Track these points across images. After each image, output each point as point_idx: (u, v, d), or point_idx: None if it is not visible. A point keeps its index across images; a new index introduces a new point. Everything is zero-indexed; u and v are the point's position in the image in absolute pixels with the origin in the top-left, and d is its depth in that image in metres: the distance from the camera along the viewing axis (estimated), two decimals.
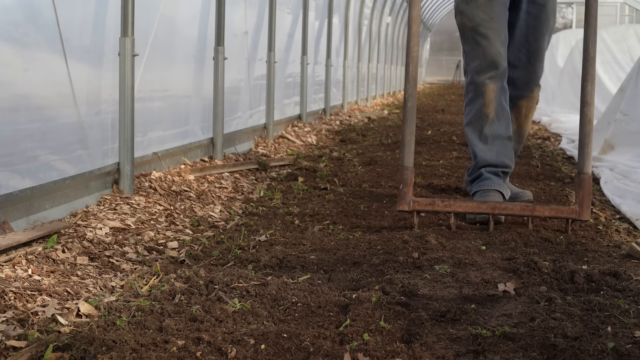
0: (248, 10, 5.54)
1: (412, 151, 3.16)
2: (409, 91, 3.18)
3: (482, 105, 3.52)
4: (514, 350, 1.80)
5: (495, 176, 3.57)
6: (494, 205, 3.10)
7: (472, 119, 3.58)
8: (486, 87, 3.49)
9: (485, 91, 3.49)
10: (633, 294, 2.24)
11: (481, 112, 3.53)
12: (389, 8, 15.42)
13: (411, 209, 3.13)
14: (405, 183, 3.12)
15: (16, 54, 2.74)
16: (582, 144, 3.09)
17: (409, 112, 3.16)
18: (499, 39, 3.47)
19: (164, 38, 4.03)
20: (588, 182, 3.06)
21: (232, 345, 1.76)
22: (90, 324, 1.91)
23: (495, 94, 3.49)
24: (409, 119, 3.16)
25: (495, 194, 3.48)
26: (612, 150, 5.09)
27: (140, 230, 2.92)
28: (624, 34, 10.04)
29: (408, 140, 3.15)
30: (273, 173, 4.67)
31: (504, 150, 3.57)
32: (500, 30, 3.48)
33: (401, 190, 3.13)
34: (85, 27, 3.20)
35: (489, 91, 3.49)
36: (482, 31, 3.46)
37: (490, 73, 3.48)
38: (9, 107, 2.69)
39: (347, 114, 10.01)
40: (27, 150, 2.78)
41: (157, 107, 4.01)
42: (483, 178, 3.57)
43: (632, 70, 5.30)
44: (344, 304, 2.10)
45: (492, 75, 3.48)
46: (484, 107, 3.52)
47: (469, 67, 3.57)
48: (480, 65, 3.50)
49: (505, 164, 3.58)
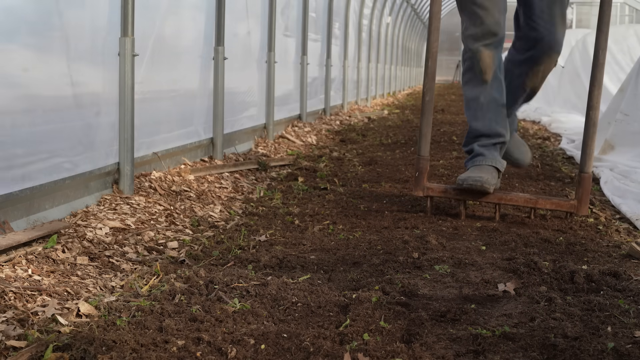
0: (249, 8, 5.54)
1: (429, 142, 3.41)
2: (427, 85, 3.38)
3: (478, 71, 3.54)
4: (514, 350, 1.80)
5: (489, 149, 3.57)
6: (500, 196, 3.35)
7: (468, 85, 3.61)
8: (481, 53, 3.50)
9: (480, 58, 3.51)
10: (633, 294, 2.24)
11: (477, 78, 3.56)
12: (389, 8, 15.42)
13: (425, 194, 3.41)
14: (420, 171, 3.40)
15: (16, 54, 2.74)
16: (585, 145, 3.27)
17: (426, 105, 3.39)
18: (496, 8, 3.48)
19: (167, 38, 4.04)
20: (588, 181, 3.25)
21: (232, 345, 1.76)
22: (90, 324, 1.91)
23: (491, 59, 3.51)
24: (426, 112, 3.40)
25: (488, 169, 3.48)
26: (612, 150, 5.09)
27: (140, 230, 2.92)
28: (624, 34, 10.03)
29: (425, 132, 3.41)
30: (273, 173, 4.67)
31: (497, 118, 3.57)
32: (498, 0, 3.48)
33: (417, 178, 3.41)
34: (86, 27, 3.20)
35: (484, 57, 3.51)
36: (479, 1, 3.47)
37: (487, 40, 3.50)
38: (9, 108, 2.69)
39: (347, 114, 10.01)
40: (27, 151, 2.78)
41: (161, 107, 4.01)
42: (476, 153, 3.58)
43: (632, 70, 5.30)
44: (344, 304, 2.10)
45: (488, 43, 3.50)
46: (479, 73, 3.53)
47: (465, 34, 3.57)
48: (477, 33, 3.51)
49: (498, 133, 3.57)
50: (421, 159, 3.40)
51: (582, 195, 3.25)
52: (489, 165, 3.50)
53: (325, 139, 6.91)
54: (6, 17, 2.66)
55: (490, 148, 3.56)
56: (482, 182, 3.30)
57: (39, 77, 2.88)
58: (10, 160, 2.67)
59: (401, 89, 20.03)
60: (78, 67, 3.13)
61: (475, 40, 3.51)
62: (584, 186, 3.24)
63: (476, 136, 3.58)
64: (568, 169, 4.99)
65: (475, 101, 3.57)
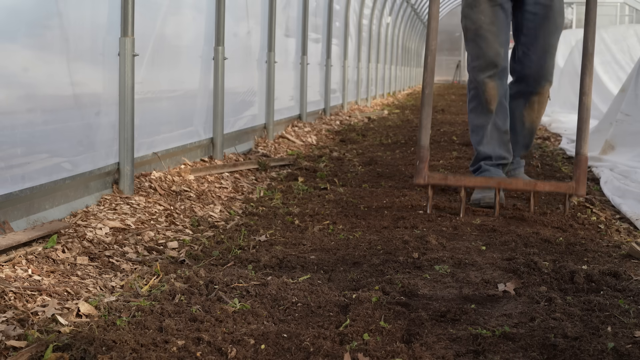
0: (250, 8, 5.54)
1: (429, 132, 3.55)
2: (426, 80, 3.55)
3: (483, 102, 3.81)
4: (514, 350, 1.80)
5: (494, 167, 3.86)
6: (499, 180, 3.50)
7: (474, 113, 3.88)
8: (486, 85, 3.77)
9: (485, 89, 3.78)
10: (633, 294, 2.24)
11: (482, 108, 3.83)
12: (389, 8, 15.42)
13: (426, 182, 3.51)
14: (421, 160, 3.50)
15: (16, 54, 2.74)
16: (580, 128, 3.44)
17: (426, 98, 3.55)
18: (497, 41, 3.74)
19: (167, 38, 4.04)
20: (584, 162, 3.41)
21: (232, 345, 1.76)
22: (90, 324, 1.91)
23: (495, 90, 3.77)
24: (426, 104, 3.55)
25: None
26: (612, 150, 5.09)
27: (140, 230, 2.92)
28: (624, 34, 10.03)
29: (425, 123, 3.54)
30: (273, 173, 4.67)
31: (501, 144, 3.87)
32: (499, 33, 3.74)
33: (418, 166, 3.51)
34: (86, 27, 3.20)
35: (488, 88, 3.77)
36: (482, 34, 3.73)
37: (489, 72, 3.76)
38: (9, 108, 2.69)
39: (347, 114, 10.01)
40: (27, 151, 2.78)
41: (161, 107, 4.01)
42: (482, 169, 3.88)
43: (633, 70, 5.30)
44: (344, 304, 2.10)
45: (491, 74, 3.76)
46: (484, 103, 3.81)
47: (471, 66, 3.84)
48: (480, 65, 3.77)
49: (501, 156, 3.88)
50: (422, 149, 3.53)
51: (579, 175, 3.39)
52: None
53: (325, 139, 6.91)
54: (6, 17, 2.66)
55: (495, 167, 3.88)
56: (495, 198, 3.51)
57: (39, 77, 2.88)
58: (10, 160, 2.67)
59: (401, 89, 20.03)
60: (78, 67, 3.13)
61: (479, 72, 3.78)
62: (580, 167, 3.39)
63: (483, 158, 3.90)
64: (568, 169, 4.98)
65: (481, 128, 3.88)
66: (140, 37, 3.51)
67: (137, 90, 3.48)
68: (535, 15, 3.79)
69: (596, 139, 5.32)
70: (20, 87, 2.75)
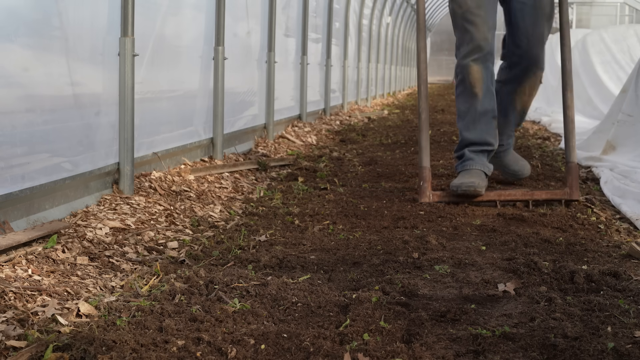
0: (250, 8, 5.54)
1: (428, 154, 3.72)
2: (422, 106, 3.77)
3: (468, 85, 3.82)
4: (514, 350, 1.80)
5: (478, 155, 3.86)
6: (499, 192, 3.68)
7: (460, 98, 3.89)
8: (471, 68, 3.79)
9: (469, 71, 3.80)
10: (633, 294, 2.24)
11: (467, 92, 3.84)
12: (389, 8, 15.42)
13: (431, 200, 3.64)
14: (424, 180, 3.67)
15: (16, 54, 2.74)
16: (566, 139, 3.75)
17: (423, 123, 3.75)
18: (485, 25, 3.76)
19: (167, 38, 4.04)
20: (575, 169, 3.67)
21: (232, 345, 1.76)
22: (90, 324, 1.91)
23: (479, 74, 3.79)
24: (423, 128, 3.74)
25: (477, 172, 3.77)
26: (613, 150, 5.09)
27: (140, 230, 2.92)
28: (624, 34, 10.03)
29: (424, 145, 3.72)
30: (273, 173, 4.67)
31: (487, 130, 3.86)
32: (487, 17, 3.76)
33: (422, 187, 3.67)
34: (86, 27, 3.20)
35: (472, 71, 3.79)
36: (469, 18, 3.75)
37: (474, 55, 3.78)
38: (9, 108, 2.69)
39: (347, 114, 10.01)
40: (27, 151, 2.78)
41: (161, 107, 4.01)
42: (466, 158, 3.87)
43: (634, 70, 5.30)
44: (344, 304, 2.10)
45: (475, 57, 3.78)
46: (469, 87, 3.82)
47: (458, 50, 3.87)
48: (467, 49, 3.79)
49: (487, 142, 3.87)
50: (424, 169, 3.68)
51: (571, 182, 3.63)
52: (478, 170, 3.80)
53: (325, 139, 6.91)
54: (6, 17, 2.66)
55: (479, 154, 3.87)
56: (475, 186, 3.60)
57: (39, 77, 2.88)
58: (10, 160, 2.67)
59: (401, 89, 20.03)
60: (78, 67, 3.13)
61: (465, 56, 3.81)
62: (572, 174, 3.65)
63: (467, 145, 3.90)
64: None
65: (467, 113, 3.88)
66: (140, 37, 3.51)
67: (137, 90, 3.48)
68: (524, 5, 3.84)
69: (598, 139, 5.33)
70: (20, 87, 2.75)
